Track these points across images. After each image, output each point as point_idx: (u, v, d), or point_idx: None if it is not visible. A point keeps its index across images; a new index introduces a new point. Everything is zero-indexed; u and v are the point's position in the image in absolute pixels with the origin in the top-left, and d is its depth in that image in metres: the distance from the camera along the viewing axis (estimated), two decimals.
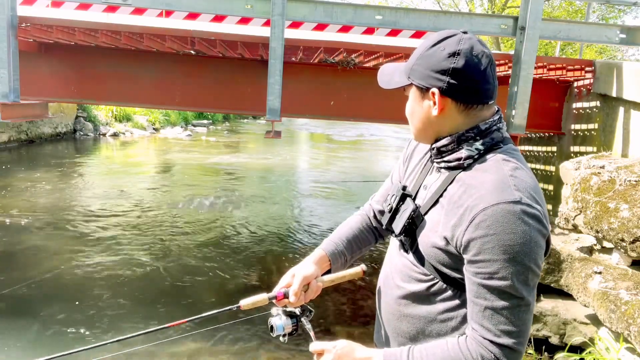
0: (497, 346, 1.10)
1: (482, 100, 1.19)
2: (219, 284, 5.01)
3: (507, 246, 1.07)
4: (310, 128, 23.96)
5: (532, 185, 1.14)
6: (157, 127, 18.16)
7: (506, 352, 1.10)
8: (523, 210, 1.08)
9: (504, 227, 1.07)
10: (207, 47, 4.54)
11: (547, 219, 1.14)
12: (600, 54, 20.38)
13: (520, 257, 1.07)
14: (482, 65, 1.16)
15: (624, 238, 2.98)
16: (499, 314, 1.10)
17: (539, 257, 1.11)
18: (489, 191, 1.11)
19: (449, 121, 1.21)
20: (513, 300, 1.09)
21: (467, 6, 20.55)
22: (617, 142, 4.08)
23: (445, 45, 1.17)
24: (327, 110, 5.11)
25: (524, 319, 1.11)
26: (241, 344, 3.88)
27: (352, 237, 1.52)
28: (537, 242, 1.09)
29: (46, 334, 3.85)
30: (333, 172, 12.05)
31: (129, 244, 5.94)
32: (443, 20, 4.11)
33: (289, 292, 1.36)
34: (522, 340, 1.11)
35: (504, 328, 1.10)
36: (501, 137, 1.22)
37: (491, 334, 1.10)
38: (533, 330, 3.68)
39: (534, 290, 1.13)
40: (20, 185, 8.54)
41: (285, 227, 7.19)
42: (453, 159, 1.22)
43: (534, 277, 1.11)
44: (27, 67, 4.45)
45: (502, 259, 1.08)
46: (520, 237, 1.07)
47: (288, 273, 1.41)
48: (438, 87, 1.17)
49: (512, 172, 1.14)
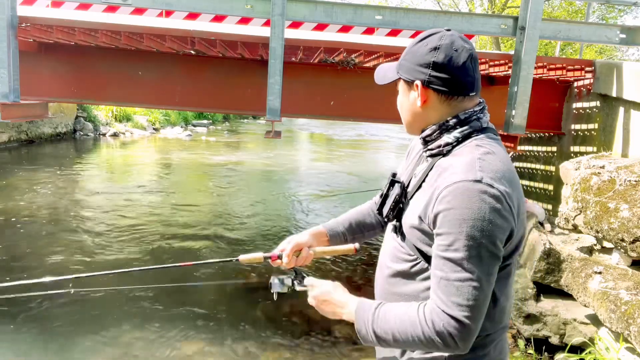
0: (448, 316, 1.15)
1: (462, 92, 1.27)
2: (219, 283, 5.01)
3: (462, 220, 1.13)
4: (310, 128, 23.95)
5: (499, 169, 1.19)
6: (157, 127, 18.16)
7: (454, 323, 1.15)
8: (481, 188, 1.14)
9: (461, 202, 1.14)
10: (207, 47, 4.54)
11: (511, 201, 1.17)
12: (600, 54, 20.38)
13: (473, 232, 1.13)
14: (461, 59, 1.24)
15: (624, 238, 2.98)
16: (451, 286, 1.15)
17: (494, 236, 1.14)
18: (456, 172, 1.19)
19: (432, 112, 1.30)
20: (464, 274, 1.14)
21: (467, 6, 20.55)
22: (617, 142, 4.08)
23: (428, 41, 1.27)
24: (327, 110, 5.11)
25: (474, 294, 1.14)
26: (241, 344, 3.88)
27: (355, 221, 1.64)
28: (492, 221, 1.13)
29: (45, 333, 3.85)
30: (333, 172, 12.05)
31: (129, 243, 5.93)
32: (443, 20, 4.10)
33: (282, 255, 1.55)
34: (472, 315, 1.15)
35: (454, 300, 1.15)
36: (480, 126, 1.29)
37: (443, 304, 1.16)
38: (533, 330, 3.69)
39: (488, 268, 1.16)
40: (20, 185, 8.54)
41: (285, 227, 7.19)
42: (435, 147, 1.31)
43: (487, 254, 1.15)
44: (27, 67, 4.45)
45: (456, 232, 1.14)
46: (476, 213, 1.13)
47: (286, 240, 1.59)
48: (421, 80, 1.27)
49: (481, 156, 1.21)
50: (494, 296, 1.25)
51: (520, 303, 3.74)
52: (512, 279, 1.34)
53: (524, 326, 3.72)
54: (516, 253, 1.29)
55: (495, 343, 1.33)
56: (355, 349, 3.90)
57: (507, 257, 1.25)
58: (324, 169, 12.47)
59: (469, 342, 1.18)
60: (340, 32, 5.87)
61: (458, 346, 1.17)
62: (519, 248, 1.29)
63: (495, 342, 1.33)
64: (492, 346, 1.32)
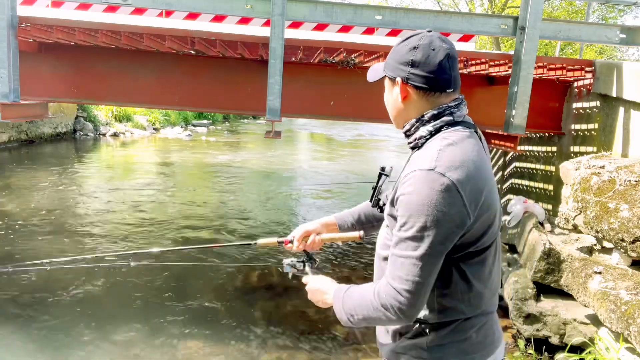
0: (391, 287, 1.29)
1: (439, 88, 1.36)
2: (218, 282, 5.01)
3: (410, 204, 1.25)
4: (310, 128, 23.96)
5: (456, 159, 1.27)
6: (157, 127, 18.16)
7: (394, 294, 1.28)
8: (432, 177, 1.24)
9: (413, 188, 1.26)
10: (207, 47, 4.54)
11: (464, 190, 1.25)
12: (600, 53, 20.38)
13: (420, 216, 1.24)
14: (438, 58, 1.32)
15: (624, 238, 2.97)
16: (397, 261, 1.29)
17: (440, 222, 1.23)
18: (417, 162, 1.30)
19: (412, 107, 1.40)
20: (408, 252, 1.26)
21: (467, 6, 20.55)
22: (617, 142, 4.08)
23: (409, 41, 1.37)
24: (327, 110, 5.10)
25: (413, 271, 1.26)
26: (241, 344, 3.89)
27: (364, 213, 1.78)
28: (437, 207, 1.23)
29: (45, 333, 3.85)
30: (333, 172, 12.05)
31: (129, 243, 5.93)
32: (443, 20, 4.10)
33: (293, 240, 1.76)
34: (410, 289, 1.26)
35: (397, 273, 1.28)
36: (452, 120, 1.37)
37: (390, 277, 1.30)
38: (533, 330, 3.69)
39: (432, 250, 1.25)
40: (20, 185, 8.54)
41: (284, 227, 7.19)
42: (412, 140, 1.42)
43: (431, 238, 1.24)
44: (27, 67, 4.44)
45: (407, 215, 1.26)
46: (423, 199, 1.23)
47: (297, 227, 1.78)
48: (401, 77, 1.37)
49: (442, 148, 1.30)
50: (468, 280, 1.35)
51: (520, 303, 3.74)
52: (490, 266, 1.40)
53: (524, 326, 3.72)
54: (484, 238, 1.34)
55: (476, 328, 1.39)
56: (355, 349, 3.90)
57: (474, 242, 1.32)
58: (324, 169, 12.48)
59: (409, 313, 1.29)
60: (340, 32, 5.87)
61: (399, 316, 1.29)
62: (487, 234, 1.34)
63: (476, 327, 1.39)
64: (472, 331, 1.39)
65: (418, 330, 1.41)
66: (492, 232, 1.37)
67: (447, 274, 1.34)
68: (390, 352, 1.48)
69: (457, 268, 1.34)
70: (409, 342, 1.42)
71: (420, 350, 1.40)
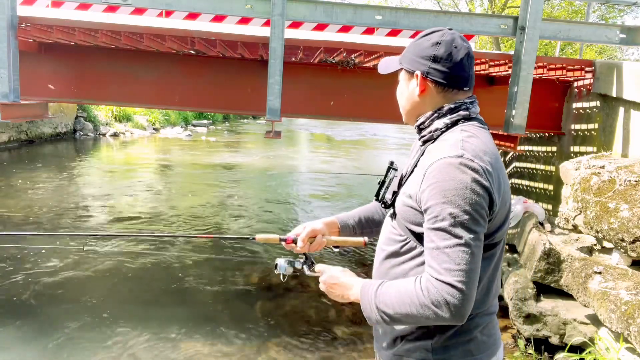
0: (441, 282, 1.21)
1: (457, 85, 1.38)
2: (218, 282, 5.01)
3: (445, 190, 1.22)
4: (310, 128, 23.95)
5: (481, 149, 1.29)
6: (157, 127, 18.16)
7: (447, 289, 1.20)
8: (462, 162, 1.24)
9: (444, 175, 1.23)
10: (207, 47, 4.54)
11: (491, 177, 1.26)
12: (600, 53, 20.38)
13: (457, 200, 1.21)
14: (459, 55, 1.35)
15: (624, 238, 2.97)
16: (442, 254, 1.22)
17: (476, 204, 1.22)
18: (440, 151, 1.30)
19: (428, 101, 1.40)
20: (452, 240, 1.21)
21: (467, 6, 20.55)
22: (617, 142, 4.08)
23: (431, 37, 1.38)
24: (327, 110, 5.10)
25: (464, 258, 1.20)
26: (241, 344, 3.88)
27: (365, 216, 1.75)
28: (473, 189, 1.22)
29: (45, 333, 3.84)
30: (333, 170, 12.05)
31: (129, 243, 5.93)
32: (443, 20, 4.10)
33: (298, 239, 1.63)
34: (464, 279, 1.20)
35: (446, 266, 1.21)
36: (468, 115, 1.39)
37: (435, 271, 1.22)
38: (533, 330, 3.69)
39: (475, 233, 1.22)
40: (20, 185, 8.54)
41: (284, 227, 7.19)
42: (427, 133, 1.41)
43: (471, 220, 1.22)
44: (27, 67, 4.44)
45: (441, 202, 1.22)
46: (458, 184, 1.22)
47: (301, 225, 1.68)
48: (421, 71, 1.37)
49: (464, 138, 1.31)
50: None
51: (520, 303, 3.74)
52: (496, 262, 1.40)
53: (524, 326, 3.72)
54: (498, 233, 1.34)
55: (481, 327, 1.38)
56: (355, 349, 3.90)
57: (490, 236, 1.31)
58: (324, 168, 12.48)
59: (464, 309, 1.21)
60: (340, 32, 5.87)
61: (453, 313, 1.20)
62: (501, 229, 1.35)
63: (480, 326, 1.38)
64: (477, 331, 1.38)
65: (423, 331, 1.37)
66: (504, 229, 1.37)
67: None
68: (392, 356, 1.44)
69: None
70: (412, 345, 1.39)
71: (425, 352, 1.37)
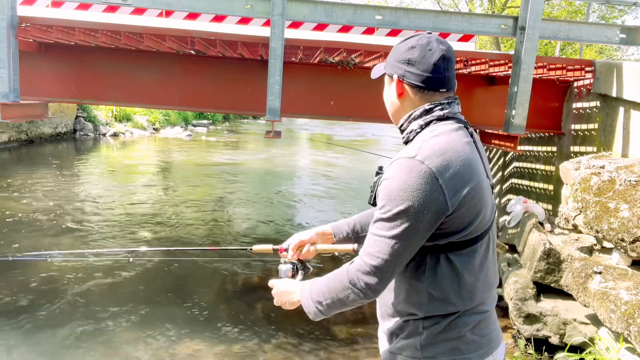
0: (361, 261, 1.35)
1: (433, 87, 1.41)
2: (218, 282, 5.01)
3: (388, 189, 1.31)
4: (310, 128, 23.96)
5: (439, 149, 1.31)
6: (157, 127, 18.17)
7: (362, 268, 1.33)
8: (411, 164, 1.29)
9: (392, 174, 1.31)
10: (206, 47, 4.54)
11: (443, 178, 1.28)
12: (600, 53, 20.37)
13: (397, 199, 1.28)
14: (433, 58, 1.38)
15: (624, 238, 2.97)
16: (371, 238, 1.34)
17: (415, 207, 1.27)
18: (402, 153, 1.36)
19: (407, 104, 1.45)
20: (382, 232, 1.31)
21: (467, 6, 20.54)
22: (617, 142, 4.08)
23: (408, 41, 1.43)
24: (327, 110, 5.10)
25: (384, 249, 1.31)
26: (241, 344, 3.88)
27: (360, 223, 1.78)
28: (415, 193, 1.27)
29: (45, 334, 3.85)
30: (333, 171, 12.05)
31: (129, 242, 5.93)
32: (443, 20, 4.10)
33: (289, 248, 1.75)
34: (379, 265, 1.31)
35: (369, 250, 1.34)
36: (442, 116, 1.41)
37: (362, 252, 1.36)
38: (533, 330, 3.69)
39: (405, 233, 1.29)
40: (20, 185, 8.54)
41: (284, 227, 7.19)
42: (404, 135, 1.47)
43: (406, 221, 1.28)
44: (27, 67, 4.44)
45: (385, 198, 1.31)
46: (402, 184, 1.28)
47: (293, 236, 1.79)
48: (398, 74, 1.43)
49: (427, 139, 1.35)
50: (457, 272, 1.36)
51: (520, 303, 3.74)
52: (481, 259, 1.41)
53: (524, 326, 3.72)
54: (471, 228, 1.35)
55: (470, 326, 1.40)
56: (355, 349, 3.90)
57: (455, 233, 1.34)
58: (324, 167, 12.47)
59: (372, 288, 1.33)
60: (340, 32, 5.87)
61: (364, 290, 1.33)
62: (474, 224, 1.35)
63: (470, 325, 1.40)
64: (466, 329, 1.39)
65: (412, 328, 1.42)
66: (481, 225, 1.38)
67: (435, 264, 1.37)
68: (387, 353, 1.50)
69: (446, 258, 1.36)
70: (403, 342, 1.44)
71: (414, 350, 1.41)
